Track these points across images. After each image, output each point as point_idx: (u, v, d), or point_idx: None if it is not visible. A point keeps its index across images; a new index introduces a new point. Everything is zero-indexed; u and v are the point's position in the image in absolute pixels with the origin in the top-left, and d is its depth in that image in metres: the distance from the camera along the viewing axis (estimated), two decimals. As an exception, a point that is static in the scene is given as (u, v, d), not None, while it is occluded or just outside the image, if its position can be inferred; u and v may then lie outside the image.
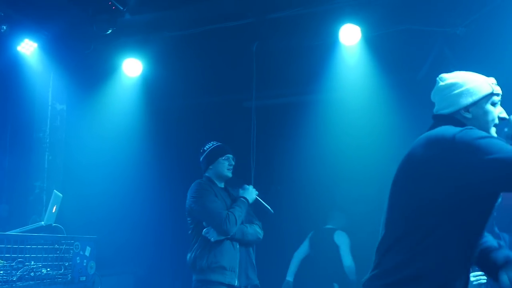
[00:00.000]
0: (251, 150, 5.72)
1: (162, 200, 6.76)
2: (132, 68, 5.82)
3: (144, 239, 6.65)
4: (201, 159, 4.07)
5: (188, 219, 3.91)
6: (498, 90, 2.09)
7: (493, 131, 2.04)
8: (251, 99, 6.01)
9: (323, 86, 5.81)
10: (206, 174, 4.02)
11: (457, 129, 1.88)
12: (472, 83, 2.06)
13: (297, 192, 6.42)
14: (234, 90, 6.57)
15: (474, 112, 2.04)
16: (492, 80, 2.11)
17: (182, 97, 6.85)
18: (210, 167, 3.98)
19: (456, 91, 2.07)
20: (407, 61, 5.62)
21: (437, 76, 2.19)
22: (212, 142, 4.09)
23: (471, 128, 1.89)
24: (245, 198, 3.94)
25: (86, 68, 5.82)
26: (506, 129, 1.99)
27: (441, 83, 2.15)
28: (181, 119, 6.85)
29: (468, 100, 2.03)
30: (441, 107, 2.11)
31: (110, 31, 4.92)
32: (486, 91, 2.05)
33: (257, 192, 4.10)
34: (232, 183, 4.17)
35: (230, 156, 4.04)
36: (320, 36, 5.22)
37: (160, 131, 6.71)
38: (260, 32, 5.37)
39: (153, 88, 6.24)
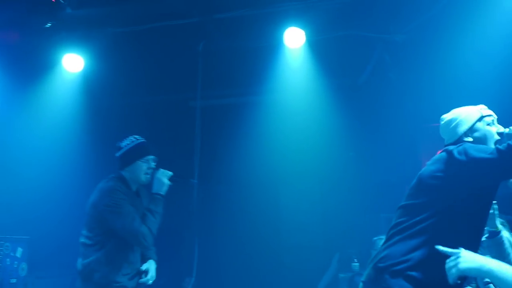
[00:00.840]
0: (195, 149, 5.62)
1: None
2: (72, 63, 5.57)
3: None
4: (117, 155, 3.53)
5: (91, 221, 3.37)
6: (488, 112, 2.52)
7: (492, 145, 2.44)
8: (197, 99, 5.91)
9: (268, 88, 5.80)
10: (122, 173, 3.50)
11: (457, 145, 2.35)
12: (462, 115, 2.51)
13: (240, 191, 6.37)
14: (179, 89, 6.44)
15: (473, 135, 2.47)
16: (481, 106, 2.54)
17: (125, 95, 6.63)
18: (126, 168, 3.48)
19: (452, 125, 2.52)
20: (349, 66, 5.69)
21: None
22: (131, 138, 3.51)
23: (467, 143, 2.37)
24: (159, 194, 3.45)
25: (23, 63, 5.50)
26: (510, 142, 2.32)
27: (442, 122, 2.59)
28: (123, 118, 6.61)
29: (463, 128, 2.48)
30: (447, 140, 2.55)
31: (49, 24, 4.68)
32: (476, 117, 2.49)
33: (170, 173, 3.51)
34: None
35: (151, 157, 3.51)
36: (265, 38, 5.20)
37: (100, 129, 6.43)
38: (206, 32, 5.28)
39: (95, 85, 5.99)
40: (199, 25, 5.15)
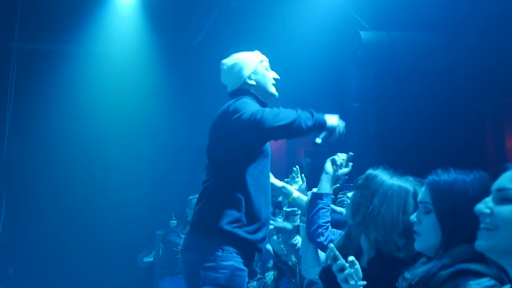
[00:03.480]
0: (8, 97, 4.76)
1: None
2: None
3: None
4: None
5: None
6: (264, 58, 2.49)
7: (273, 89, 2.44)
8: (13, 40, 4.97)
9: (96, 37, 5.15)
10: None
11: (234, 100, 2.30)
12: (245, 59, 2.44)
13: (61, 146, 5.63)
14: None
15: (256, 78, 2.41)
16: (257, 53, 2.51)
17: None
18: None
19: (236, 69, 2.42)
20: (183, 26, 5.34)
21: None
22: None
23: (240, 99, 2.30)
24: None
25: None
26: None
27: (224, 67, 2.46)
28: None
29: (247, 71, 2.41)
30: (231, 85, 2.46)
31: None
32: (257, 61, 2.45)
33: None
34: None
35: None
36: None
37: None
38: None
39: None
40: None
